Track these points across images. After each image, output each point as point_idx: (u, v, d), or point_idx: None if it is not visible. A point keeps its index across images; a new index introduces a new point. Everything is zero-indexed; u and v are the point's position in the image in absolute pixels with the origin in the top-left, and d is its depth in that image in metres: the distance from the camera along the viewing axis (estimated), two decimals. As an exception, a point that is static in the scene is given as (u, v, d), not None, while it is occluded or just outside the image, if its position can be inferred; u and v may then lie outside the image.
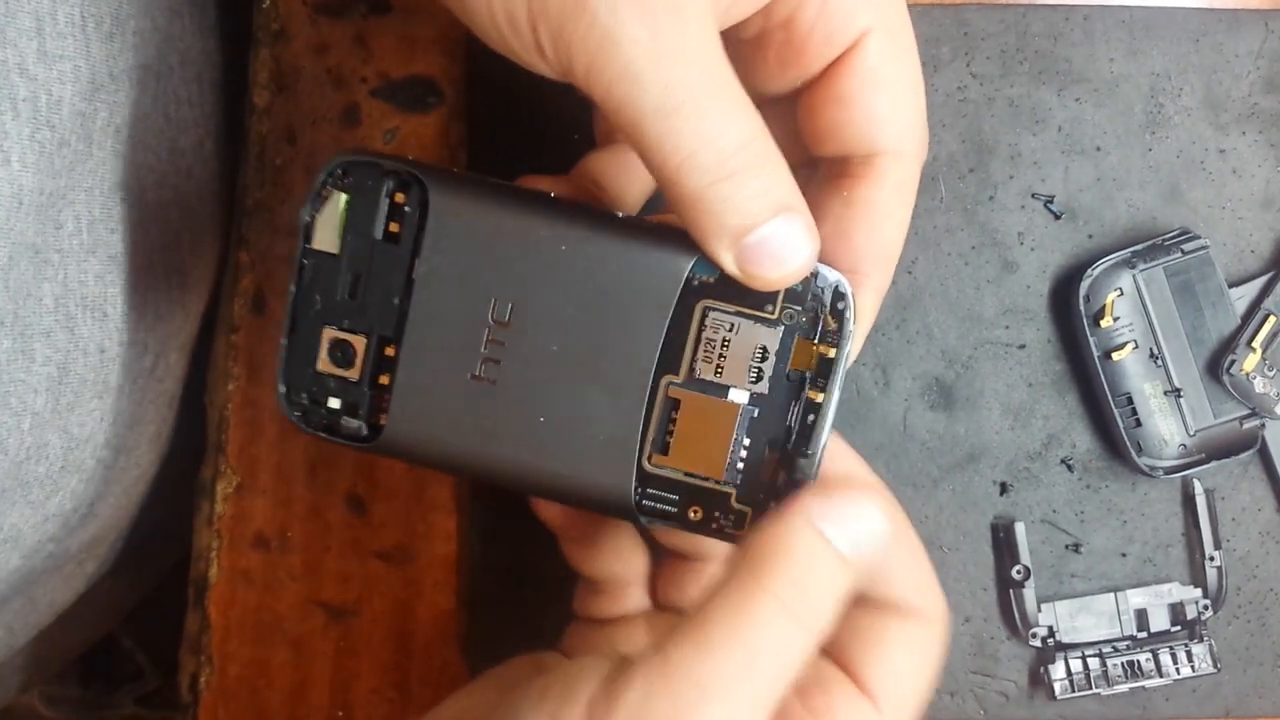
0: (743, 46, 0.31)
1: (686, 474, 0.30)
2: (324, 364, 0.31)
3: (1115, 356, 0.43)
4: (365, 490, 0.44)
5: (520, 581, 0.44)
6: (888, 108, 0.31)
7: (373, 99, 0.45)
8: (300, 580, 0.44)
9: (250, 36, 0.46)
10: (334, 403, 0.31)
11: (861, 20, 0.30)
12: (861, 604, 0.31)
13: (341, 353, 0.31)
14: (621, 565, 0.35)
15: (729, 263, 0.29)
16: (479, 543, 0.44)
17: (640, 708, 0.24)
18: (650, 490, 0.30)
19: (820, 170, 0.33)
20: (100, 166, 0.38)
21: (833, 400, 0.30)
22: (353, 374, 0.31)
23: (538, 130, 0.44)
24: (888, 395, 0.44)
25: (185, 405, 0.48)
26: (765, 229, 0.28)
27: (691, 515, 0.31)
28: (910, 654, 0.30)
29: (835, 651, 0.31)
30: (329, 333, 0.31)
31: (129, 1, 0.39)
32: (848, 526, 0.27)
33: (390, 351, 0.31)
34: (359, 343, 0.31)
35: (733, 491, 0.31)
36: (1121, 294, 0.43)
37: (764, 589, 0.26)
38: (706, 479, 0.31)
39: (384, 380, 0.31)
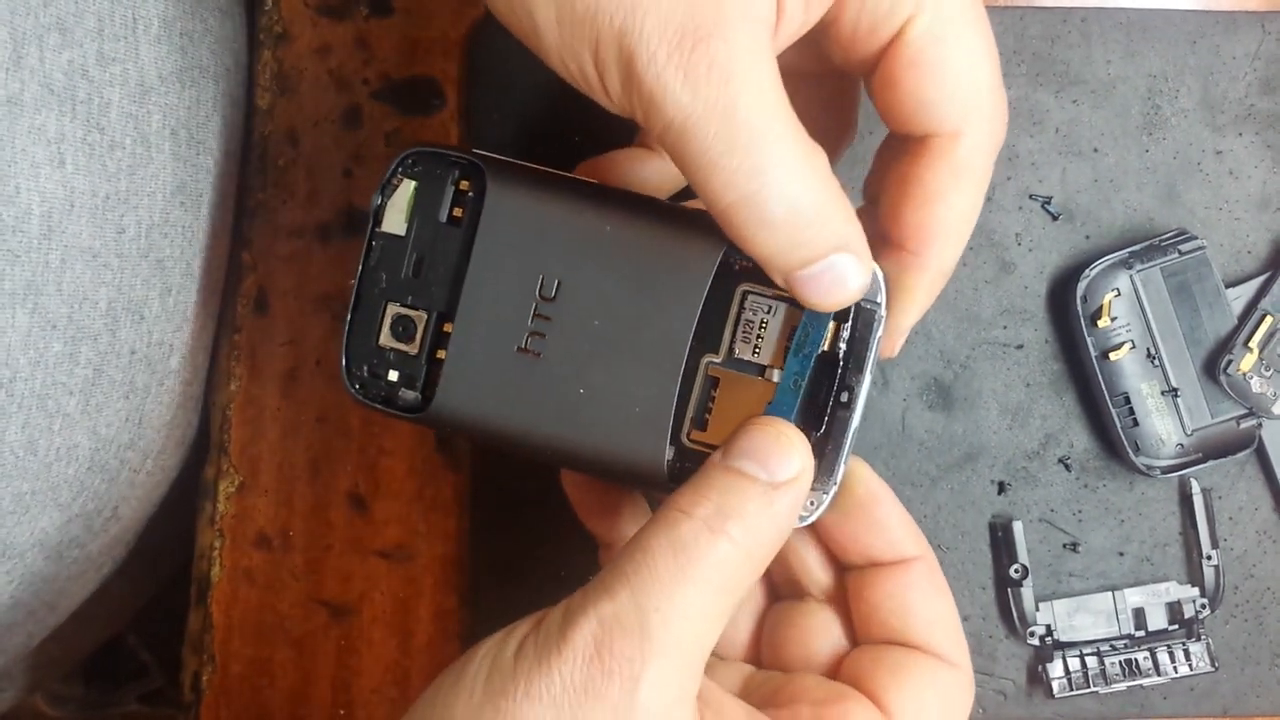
0: (811, 31, 0.32)
1: None
2: (386, 339, 0.33)
3: (1113, 356, 0.43)
4: (367, 489, 0.44)
5: (522, 580, 0.44)
6: (934, 90, 0.30)
7: (374, 100, 0.45)
8: (302, 579, 0.44)
9: (251, 38, 0.46)
10: (393, 375, 0.33)
11: (904, 9, 0.30)
12: (895, 644, 0.32)
13: (403, 328, 0.33)
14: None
15: (781, 283, 0.29)
16: (480, 542, 0.44)
17: (563, 618, 0.28)
18: (688, 465, 0.31)
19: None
20: (161, 171, 0.39)
21: (864, 383, 0.31)
22: (412, 348, 0.33)
23: (539, 132, 0.45)
24: (886, 395, 0.44)
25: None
26: (817, 266, 0.29)
27: None
28: (939, 694, 0.32)
29: (861, 678, 0.32)
30: (392, 309, 0.33)
31: (176, 3, 0.39)
32: (755, 454, 0.29)
33: (448, 328, 0.32)
34: (420, 318, 0.32)
35: None
36: (1119, 294, 0.43)
37: (669, 506, 0.29)
38: None
39: (441, 355, 0.32)
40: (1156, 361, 0.43)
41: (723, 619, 0.28)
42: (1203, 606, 0.44)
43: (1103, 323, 0.43)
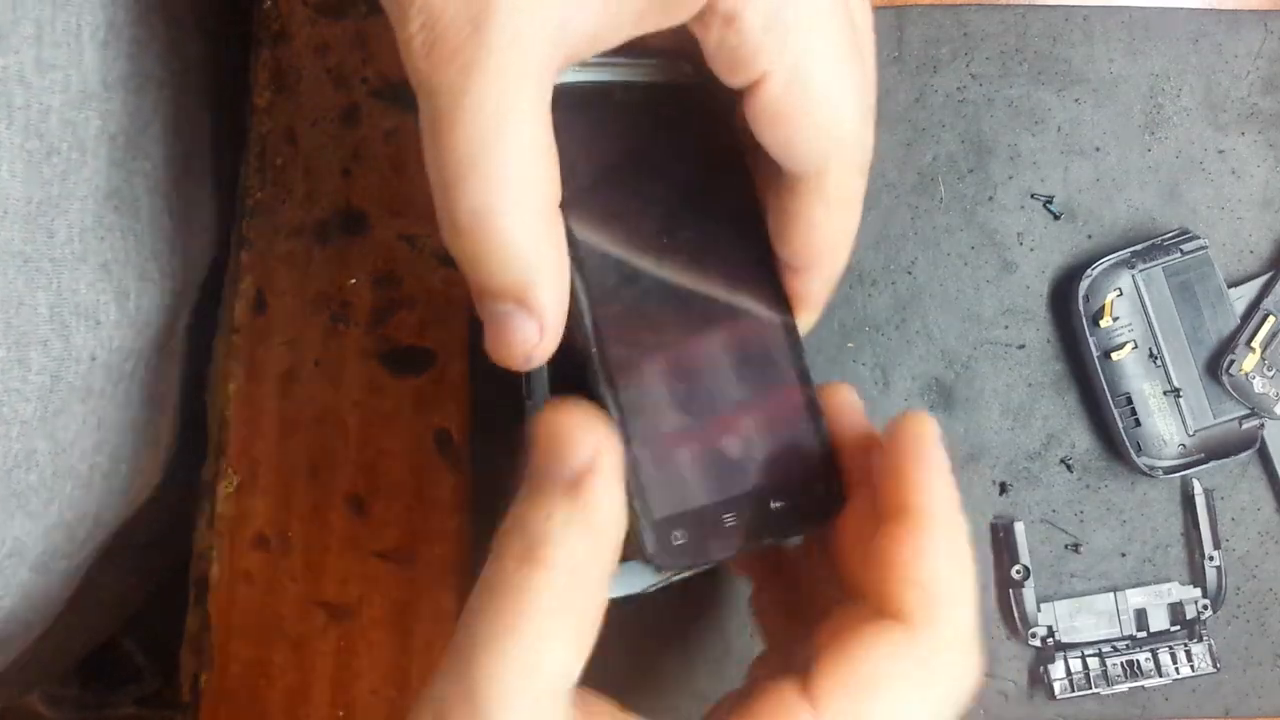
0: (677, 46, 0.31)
1: None
2: None
3: (1115, 356, 0.43)
4: (366, 490, 0.44)
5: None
6: (795, 137, 0.30)
7: (373, 99, 0.45)
8: (301, 580, 0.44)
9: (251, 38, 0.46)
10: None
11: (760, 64, 0.29)
12: (855, 605, 0.29)
13: None
14: None
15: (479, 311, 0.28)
16: (480, 542, 0.44)
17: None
18: None
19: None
20: (95, 175, 0.38)
21: None
22: None
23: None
24: (887, 395, 0.44)
25: (189, 406, 0.48)
26: (496, 307, 0.27)
27: None
28: (883, 663, 0.27)
29: (817, 647, 0.29)
30: None
31: (125, 9, 0.39)
32: (549, 450, 0.28)
33: None
34: None
35: None
36: (1121, 294, 0.43)
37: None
38: None
39: None
40: (1159, 361, 0.43)
41: (568, 639, 0.26)
42: (1205, 607, 0.43)
43: (1105, 322, 0.43)
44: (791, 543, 0.36)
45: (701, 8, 0.27)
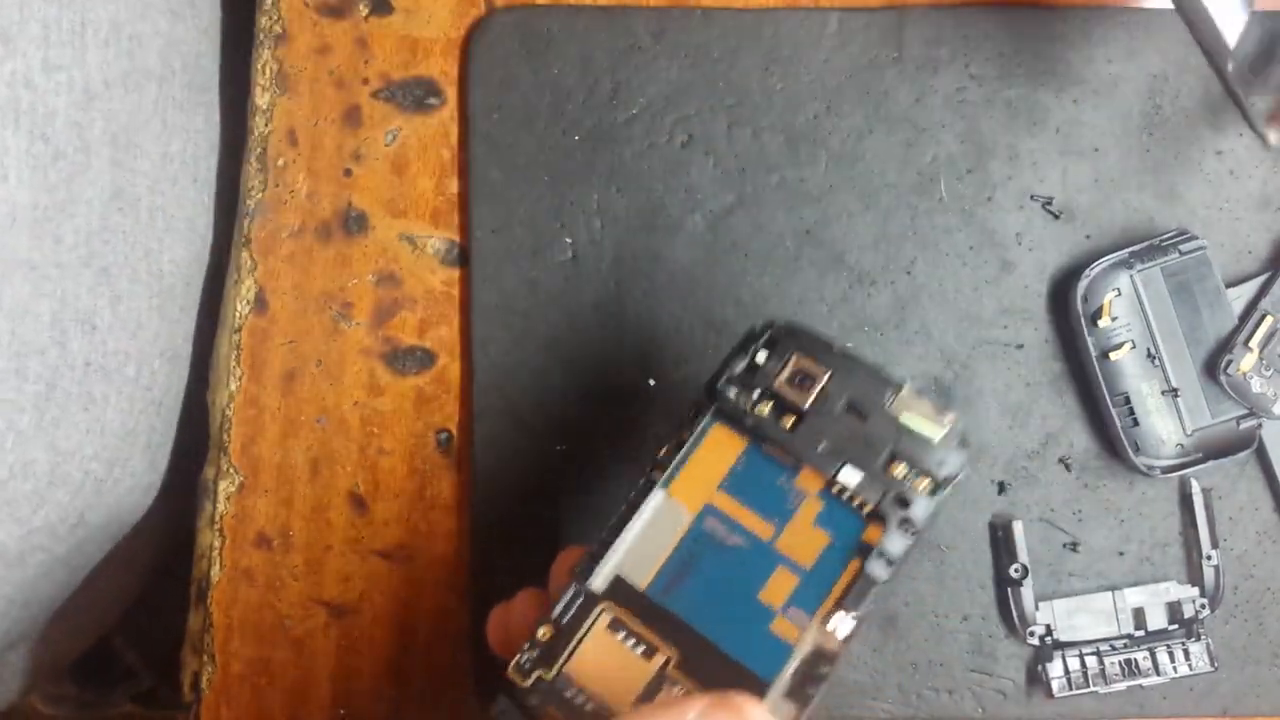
0: None
1: None
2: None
3: (1113, 356, 0.43)
4: (367, 489, 0.44)
5: (522, 581, 0.44)
6: None
7: (374, 100, 0.45)
8: (302, 579, 0.44)
9: (251, 37, 0.46)
10: None
11: None
12: None
13: None
14: None
15: None
16: (480, 542, 0.44)
17: None
18: None
19: None
20: (99, 177, 0.38)
21: None
22: None
23: (538, 132, 0.45)
24: (887, 395, 0.44)
25: (190, 406, 0.48)
26: None
27: None
28: None
29: None
30: None
31: (127, 6, 0.38)
32: None
33: None
34: None
35: None
36: (1119, 294, 0.43)
37: None
38: None
39: None
40: (1157, 361, 0.43)
41: None
42: (1202, 606, 0.44)
43: (1103, 322, 0.43)
44: None
45: None
